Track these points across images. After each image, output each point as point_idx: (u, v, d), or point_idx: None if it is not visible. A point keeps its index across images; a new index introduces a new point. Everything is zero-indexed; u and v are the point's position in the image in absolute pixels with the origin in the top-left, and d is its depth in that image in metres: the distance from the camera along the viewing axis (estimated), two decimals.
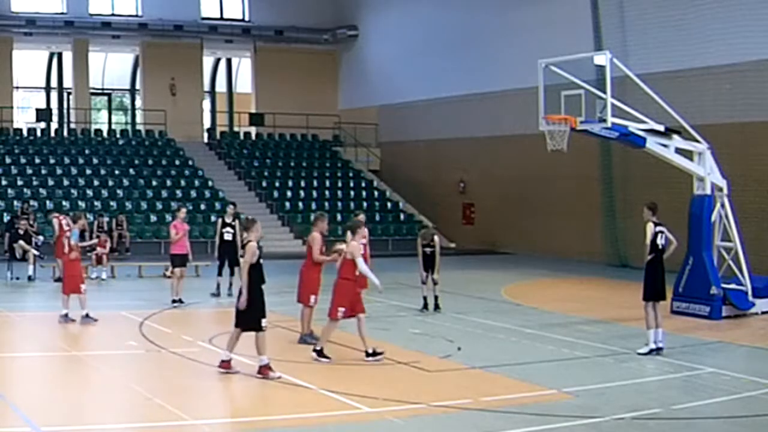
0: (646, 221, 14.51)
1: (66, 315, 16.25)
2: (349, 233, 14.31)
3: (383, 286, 14.24)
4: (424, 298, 18.63)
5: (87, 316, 16.36)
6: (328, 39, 41.97)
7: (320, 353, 13.28)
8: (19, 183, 32.98)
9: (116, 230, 30.09)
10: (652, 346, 13.96)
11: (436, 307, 18.49)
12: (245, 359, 13.38)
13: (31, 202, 30.14)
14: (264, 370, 11.98)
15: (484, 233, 34.34)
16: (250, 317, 12.06)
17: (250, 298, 12.00)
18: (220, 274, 20.62)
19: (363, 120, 40.15)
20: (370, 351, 13.34)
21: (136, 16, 39.42)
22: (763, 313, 18.13)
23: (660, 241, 14.37)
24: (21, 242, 23.58)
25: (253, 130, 41.59)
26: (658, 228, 14.41)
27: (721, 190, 18.36)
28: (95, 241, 24.47)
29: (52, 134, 38.33)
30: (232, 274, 20.48)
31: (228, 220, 20.79)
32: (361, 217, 18.59)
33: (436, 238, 18.99)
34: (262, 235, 14.09)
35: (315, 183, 37.34)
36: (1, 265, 23.66)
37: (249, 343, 15.24)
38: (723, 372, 12.73)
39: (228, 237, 20.54)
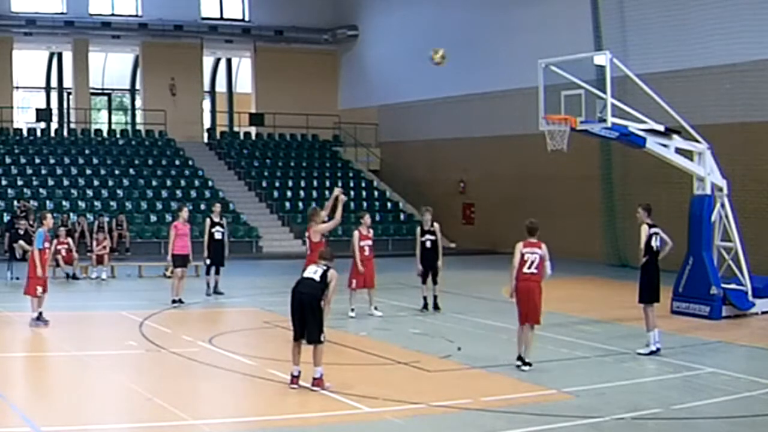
0: (641, 223, 14.52)
1: (38, 317, 16.10)
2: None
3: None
4: (424, 298, 18.58)
5: (38, 317, 16.13)
6: (328, 39, 41.97)
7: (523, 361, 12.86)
8: (19, 183, 32.98)
9: (116, 230, 30.10)
10: (653, 347, 13.96)
11: (436, 307, 18.47)
12: (245, 359, 13.39)
13: (31, 202, 30.11)
14: (319, 382, 11.42)
15: (484, 233, 34.33)
16: (317, 327, 11.46)
17: (320, 308, 11.51)
18: (208, 273, 20.72)
19: (363, 120, 40.14)
20: (526, 360, 12.85)
21: (136, 16, 39.42)
22: (763, 313, 18.12)
23: (655, 242, 14.37)
24: (21, 242, 23.55)
25: (253, 130, 41.58)
26: (653, 230, 14.42)
27: (721, 190, 18.35)
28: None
29: (52, 134, 38.33)
30: (217, 272, 20.55)
31: (216, 219, 20.84)
32: (366, 218, 18.62)
33: (436, 224, 18.86)
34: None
35: (315, 183, 37.33)
36: (1, 265, 23.66)
37: (248, 343, 15.27)
38: (723, 372, 12.73)
39: (218, 236, 20.66)
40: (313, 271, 11.60)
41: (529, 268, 12.93)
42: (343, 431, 9.90)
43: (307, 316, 11.38)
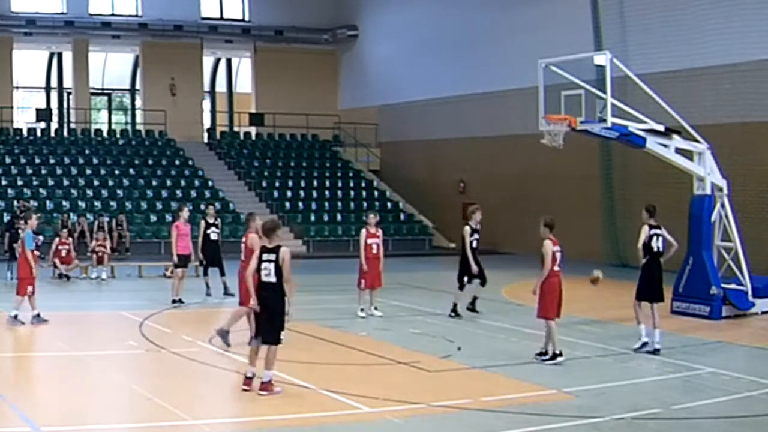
0: (642, 224, 14.53)
1: (15, 317, 16.05)
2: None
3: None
4: (454, 304, 17.92)
5: (38, 316, 16.09)
6: (328, 39, 41.99)
7: (555, 355, 13.16)
8: (19, 183, 32.99)
9: (116, 230, 30.10)
10: (645, 339, 14.01)
11: (473, 307, 18.18)
12: (245, 359, 13.38)
13: (31, 202, 30.09)
14: (268, 386, 11.12)
15: (484, 233, 34.09)
16: (276, 328, 11.19)
17: (282, 307, 11.16)
18: (206, 273, 20.62)
19: (363, 120, 40.15)
20: (549, 353, 13.17)
21: (136, 16, 39.44)
22: (763, 313, 18.12)
23: (656, 243, 14.36)
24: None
25: (253, 130, 41.60)
26: (654, 231, 14.40)
27: (721, 190, 18.35)
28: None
29: (52, 134, 38.36)
30: (222, 274, 20.42)
31: (210, 220, 20.75)
32: (371, 217, 18.53)
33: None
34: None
35: (315, 183, 37.36)
36: (1, 265, 23.65)
37: (247, 342, 15.24)
38: (723, 372, 12.73)
39: (214, 237, 20.61)
40: (267, 273, 11.05)
41: (559, 265, 13.32)
42: (343, 431, 9.90)
43: (265, 317, 11.13)
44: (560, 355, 13.17)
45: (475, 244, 18.29)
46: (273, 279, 11.04)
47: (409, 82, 37.61)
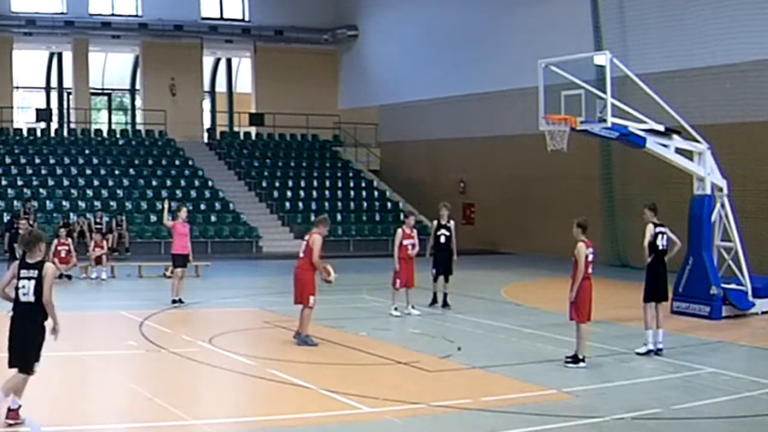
0: (647, 222, 14.52)
1: None
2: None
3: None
4: (434, 294, 18.64)
5: None
6: (328, 39, 42.00)
7: (577, 359, 13.03)
8: (19, 183, 32.98)
9: (116, 230, 30.11)
10: (651, 346, 13.95)
11: (445, 304, 18.50)
12: (245, 359, 13.39)
13: (33, 202, 30.13)
14: (14, 415, 9.46)
15: (484, 233, 34.34)
16: (30, 356, 9.56)
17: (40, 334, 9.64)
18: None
19: (363, 120, 40.16)
20: (580, 357, 13.06)
21: (136, 16, 39.45)
22: (763, 313, 18.12)
23: (661, 242, 14.35)
24: None
25: (253, 130, 41.61)
26: (659, 229, 14.40)
27: (721, 190, 18.35)
28: None
29: (52, 134, 38.35)
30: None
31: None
32: (410, 219, 18.58)
33: (452, 221, 19.03)
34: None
35: (315, 183, 37.36)
36: (1, 265, 23.65)
37: (248, 343, 15.27)
38: (723, 372, 12.73)
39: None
40: (25, 292, 9.60)
41: (592, 268, 13.23)
42: (343, 431, 9.90)
43: (24, 342, 9.60)
44: (583, 360, 13.01)
45: (443, 239, 18.74)
46: (31, 299, 9.55)
47: (409, 82, 37.62)
